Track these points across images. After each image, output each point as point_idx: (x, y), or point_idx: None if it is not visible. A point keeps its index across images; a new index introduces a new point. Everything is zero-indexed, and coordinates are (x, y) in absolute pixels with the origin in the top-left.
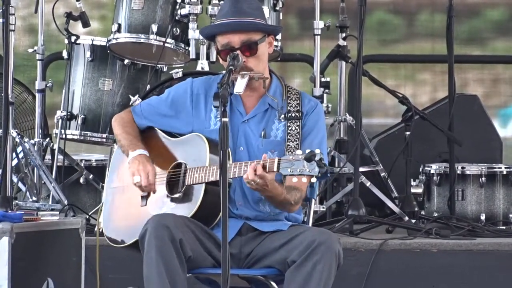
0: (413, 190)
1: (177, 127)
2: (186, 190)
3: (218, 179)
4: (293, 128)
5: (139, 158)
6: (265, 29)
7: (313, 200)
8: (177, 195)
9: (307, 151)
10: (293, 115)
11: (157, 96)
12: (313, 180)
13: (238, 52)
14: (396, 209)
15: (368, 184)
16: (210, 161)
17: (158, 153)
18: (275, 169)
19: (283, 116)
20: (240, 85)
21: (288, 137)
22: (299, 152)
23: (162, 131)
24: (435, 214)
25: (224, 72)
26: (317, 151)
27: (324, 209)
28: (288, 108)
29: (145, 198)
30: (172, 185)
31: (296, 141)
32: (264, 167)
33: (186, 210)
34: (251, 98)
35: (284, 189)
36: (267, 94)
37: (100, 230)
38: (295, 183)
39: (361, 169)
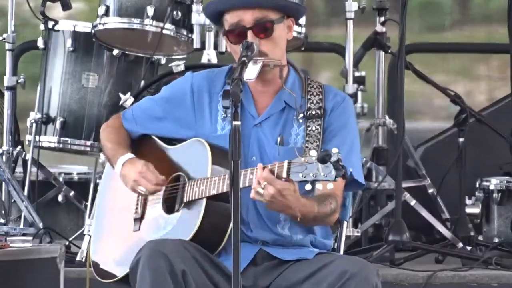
0: (468, 210)
1: (176, 132)
2: (185, 208)
3: (221, 191)
4: (313, 129)
5: (130, 160)
6: (285, 7)
7: (345, 223)
8: (174, 215)
9: (321, 150)
10: (314, 112)
11: (151, 96)
12: (329, 186)
13: (252, 36)
14: (447, 233)
15: (412, 202)
16: (212, 171)
17: (154, 165)
18: (284, 175)
19: (301, 115)
20: (251, 71)
21: (307, 138)
22: (313, 153)
23: (160, 138)
24: (496, 240)
25: (232, 64)
26: (334, 150)
27: (359, 234)
28: (308, 105)
29: (138, 221)
30: (171, 202)
31: (316, 142)
32: (272, 172)
33: (185, 233)
34: (263, 96)
35: (316, 201)
36: (284, 87)
37: (83, 260)
38: (324, 190)
39: (404, 184)
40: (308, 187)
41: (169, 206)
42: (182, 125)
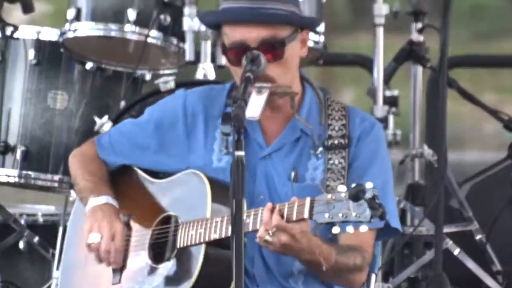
0: None
1: (164, 164)
2: (179, 256)
3: (224, 236)
4: (336, 162)
5: (104, 207)
6: (298, 22)
7: (374, 276)
8: (164, 264)
9: (352, 185)
10: (336, 142)
11: (134, 119)
12: (363, 229)
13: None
14: None
15: (456, 251)
16: (212, 211)
17: (137, 204)
18: (305, 215)
19: (321, 149)
20: (255, 105)
21: (329, 174)
22: (341, 188)
23: (142, 170)
24: None
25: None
26: (369, 185)
27: None
28: (329, 132)
29: (117, 271)
30: (158, 249)
31: (340, 180)
32: (281, 215)
33: (179, 287)
34: (273, 122)
35: (334, 248)
36: (297, 117)
37: None
38: (351, 239)
39: (446, 229)
40: (336, 230)
41: (157, 254)
42: (171, 155)
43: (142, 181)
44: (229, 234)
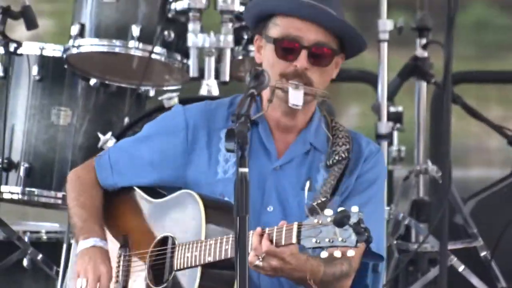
0: None
1: (163, 180)
2: (175, 279)
3: (218, 259)
4: (334, 173)
5: (90, 252)
6: (351, 38)
7: None
8: (163, 286)
9: (339, 209)
10: (338, 158)
11: (133, 136)
12: (350, 253)
13: (304, 59)
14: None
15: (461, 268)
16: (207, 233)
17: (136, 224)
18: (293, 240)
19: (327, 163)
20: (297, 96)
21: (323, 188)
22: (328, 211)
23: (142, 188)
24: None
25: (237, 95)
26: (354, 209)
27: None
28: (334, 156)
29: None
30: (157, 270)
31: (331, 183)
32: (271, 240)
33: None
34: (285, 133)
35: (322, 262)
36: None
37: None
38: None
39: (451, 245)
40: (324, 254)
41: (157, 275)
42: (171, 170)
43: (141, 200)
44: (223, 257)
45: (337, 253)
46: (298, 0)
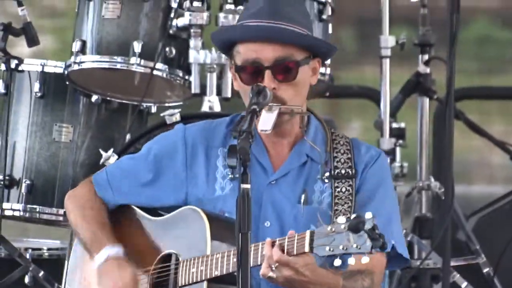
0: None
1: (162, 198)
2: None
3: (226, 272)
4: (343, 190)
5: (108, 267)
6: (315, 45)
7: None
8: None
9: (352, 216)
10: (343, 172)
11: (132, 154)
12: (364, 260)
13: (269, 78)
14: None
15: (464, 285)
16: (212, 248)
17: (137, 243)
18: (306, 249)
19: (327, 174)
20: (267, 120)
21: (336, 200)
22: (341, 219)
23: (141, 208)
24: None
25: (237, 114)
26: (368, 215)
27: None
28: (335, 163)
29: None
30: None
31: (348, 203)
32: (282, 249)
33: None
34: (279, 147)
35: (341, 275)
36: (306, 139)
37: None
38: (358, 266)
39: (453, 262)
40: (337, 262)
41: None
42: (170, 188)
43: (141, 219)
44: (231, 270)
45: (351, 260)
46: (249, 26)
